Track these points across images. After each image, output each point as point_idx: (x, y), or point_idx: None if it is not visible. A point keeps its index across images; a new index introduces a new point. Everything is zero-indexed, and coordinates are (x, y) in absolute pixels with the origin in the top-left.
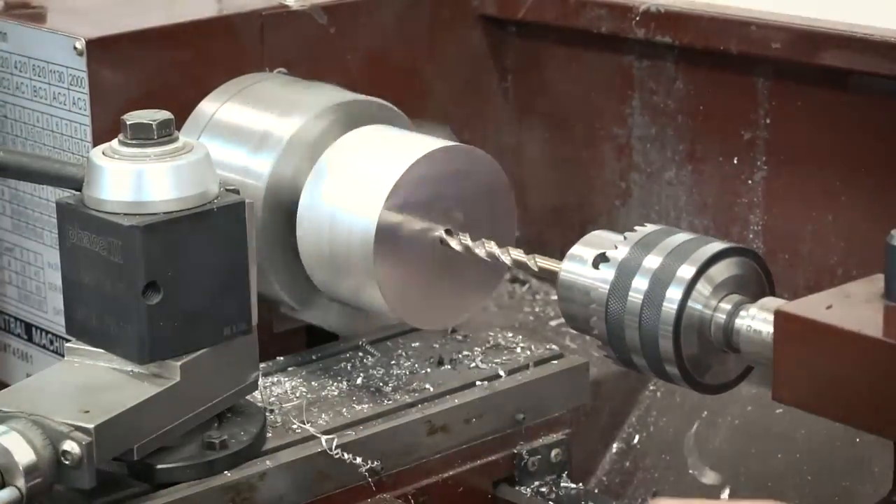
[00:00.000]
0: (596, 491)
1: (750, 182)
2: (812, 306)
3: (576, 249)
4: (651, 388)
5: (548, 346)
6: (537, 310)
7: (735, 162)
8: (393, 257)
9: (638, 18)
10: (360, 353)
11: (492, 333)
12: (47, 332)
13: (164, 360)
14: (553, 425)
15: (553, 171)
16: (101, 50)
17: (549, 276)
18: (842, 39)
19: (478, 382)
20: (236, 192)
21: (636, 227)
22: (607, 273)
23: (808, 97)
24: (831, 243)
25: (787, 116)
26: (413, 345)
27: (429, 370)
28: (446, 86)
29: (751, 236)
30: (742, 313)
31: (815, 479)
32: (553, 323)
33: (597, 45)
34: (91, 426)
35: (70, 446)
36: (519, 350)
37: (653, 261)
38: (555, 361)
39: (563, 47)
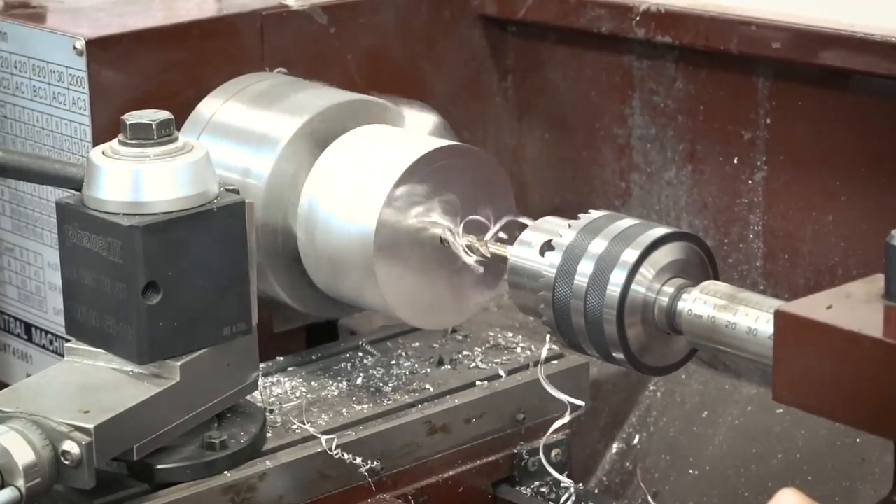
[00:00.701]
0: (596, 491)
1: (750, 182)
2: (812, 306)
3: (525, 235)
4: (651, 388)
5: (548, 346)
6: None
7: (735, 162)
8: (393, 257)
9: (638, 18)
10: (360, 353)
11: (492, 333)
12: (47, 332)
13: (163, 361)
14: (553, 425)
15: (553, 171)
16: (100, 50)
17: (501, 261)
18: (842, 39)
19: (478, 382)
20: (236, 192)
21: (582, 214)
22: (554, 258)
23: (808, 97)
24: (831, 243)
25: (787, 116)
26: (413, 345)
27: (429, 370)
28: (446, 86)
29: (751, 236)
30: (684, 296)
31: (815, 479)
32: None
33: (597, 45)
34: (91, 426)
35: (70, 446)
36: (519, 350)
37: (598, 245)
38: (555, 361)
39: (563, 47)
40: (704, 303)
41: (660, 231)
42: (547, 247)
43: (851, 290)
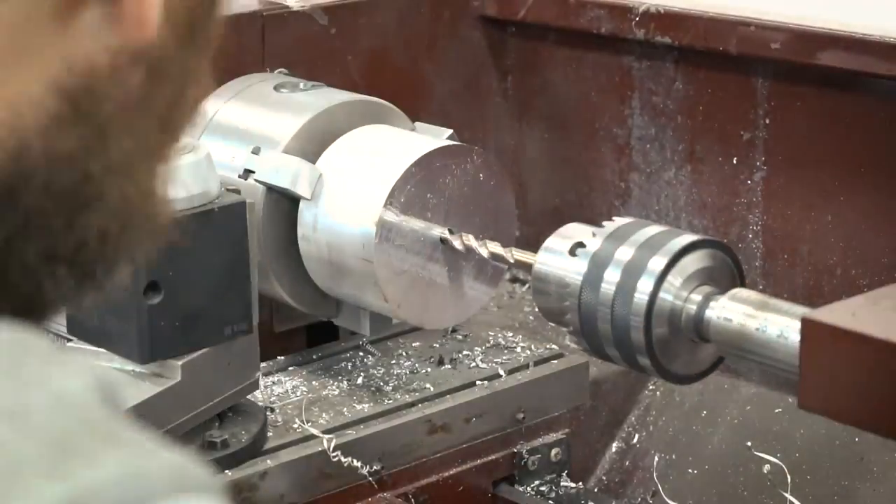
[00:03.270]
0: (596, 490)
1: (749, 182)
2: (839, 313)
3: (550, 241)
4: (651, 387)
5: (548, 346)
6: (537, 310)
7: (734, 162)
8: (393, 257)
9: (638, 19)
10: (361, 353)
11: (492, 333)
12: (48, 332)
13: (164, 360)
14: (553, 425)
15: (553, 171)
16: None
17: (525, 268)
18: (841, 40)
19: (478, 382)
20: (237, 192)
21: (606, 221)
22: (580, 265)
23: (808, 97)
24: (830, 243)
25: (787, 117)
26: (413, 344)
27: (429, 370)
28: (446, 86)
29: (750, 236)
30: (712, 304)
31: (813, 478)
32: (553, 323)
33: (597, 45)
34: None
35: None
36: (519, 350)
37: (625, 252)
38: (555, 361)
39: (563, 47)
40: (733, 310)
41: (687, 238)
42: (574, 250)
43: (880, 296)
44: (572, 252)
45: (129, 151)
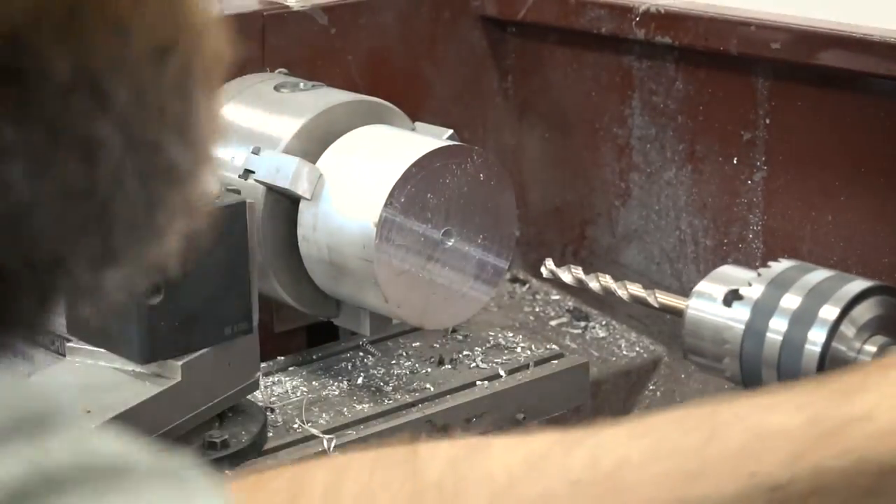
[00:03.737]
0: None
1: (749, 182)
2: None
3: (703, 286)
4: (651, 387)
5: (548, 346)
6: (537, 310)
7: (735, 162)
8: (393, 257)
9: (638, 19)
10: (361, 353)
11: (492, 333)
12: (49, 332)
13: (165, 360)
14: (553, 425)
15: (553, 171)
16: None
17: (674, 313)
18: (841, 40)
19: (478, 382)
20: (237, 192)
21: (770, 263)
22: (741, 313)
23: (808, 97)
24: (831, 243)
25: (787, 117)
26: (413, 345)
27: (429, 370)
28: (446, 86)
29: (750, 236)
30: (888, 355)
31: None
32: (553, 323)
33: (597, 45)
34: (92, 426)
35: None
36: (519, 350)
37: (791, 300)
38: (555, 361)
39: (563, 47)
40: None
41: (860, 285)
42: (733, 297)
43: None
44: (732, 297)
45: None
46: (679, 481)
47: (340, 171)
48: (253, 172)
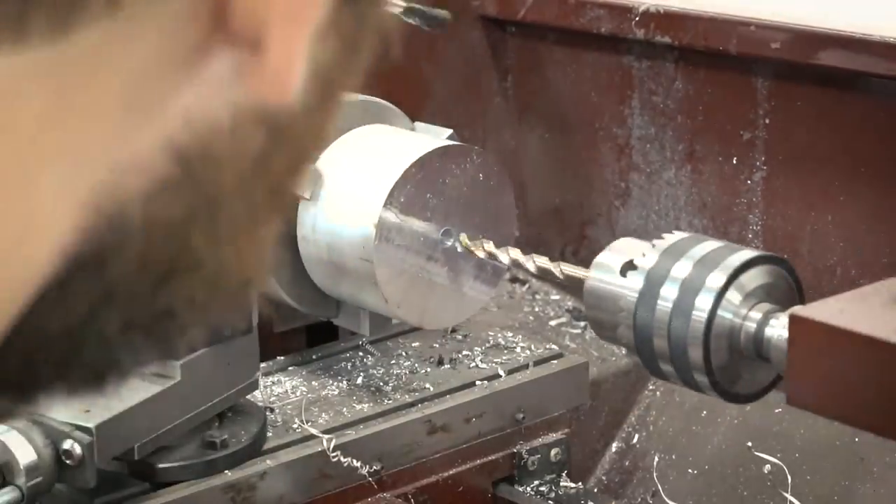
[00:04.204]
0: (596, 490)
1: (749, 182)
2: (826, 309)
3: (602, 257)
4: (651, 387)
5: (548, 346)
6: (537, 310)
7: (734, 162)
8: (393, 257)
9: (638, 19)
10: (361, 353)
11: (492, 333)
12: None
13: (164, 360)
14: (552, 425)
15: (553, 171)
16: None
17: (575, 284)
18: (842, 39)
19: (478, 382)
20: None
21: (664, 235)
22: (635, 281)
23: (808, 97)
24: (831, 243)
25: (787, 116)
26: (413, 345)
27: (429, 370)
28: (446, 86)
29: (750, 236)
30: (772, 322)
31: (813, 478)
32: (553, 323)
33: (597, 45)
34: (92, 425)
35: (71, 445)
36: (519, 350)
37: (682, 269)
38: (555, 361)
39: (563, 47)
40: None
41: (746, 254)
42: (628, 267)
43: (867, 292)
44: (627, 267)
45: (235, 220)
46: None
47: (340, 171)
48: None
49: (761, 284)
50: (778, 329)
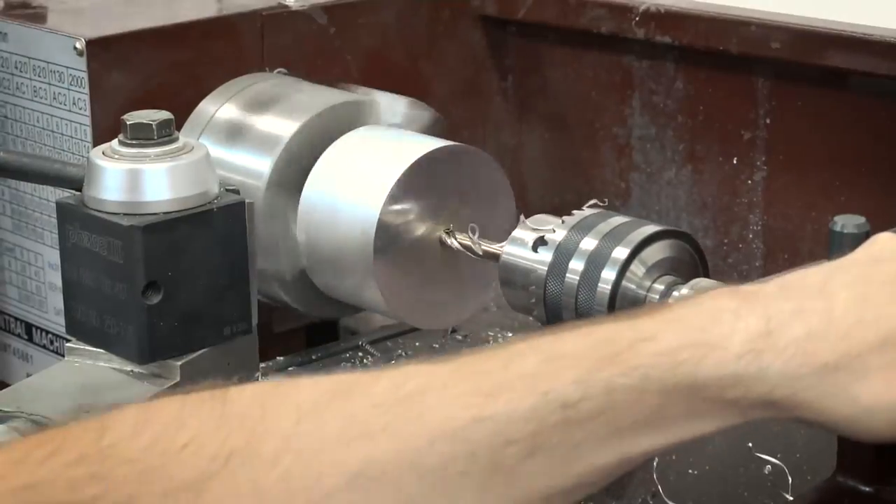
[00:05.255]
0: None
1: (750, 182)
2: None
3: (517, 233)
4: None
5: None
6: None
7: (735, 162)
8: (393, 257)
9: (638, 18)
10: (361, 353)
11: (492, 333)
12: (47, 332)
13: (164, 360)
14: None
15: (553, 171)
16: (101, 50)
17: (493, 259)
18: (842, 39)
19: None
20: (236, 192)
21: (574, 211)
22: (545, 255)
23: (808, 97)
24: None
25: (787, 116)
26: (413, 345)
27: None
28: (446, 86)
29: (750, 236)
30: (675, 294)
31: (814, 478)
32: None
33: (597, 45)
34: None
35: None
36: None
37: (589, 243)
38: None
39: (563, 47)
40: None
41: (650, 229)
42: (539, 244)
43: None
44: (538, 243)
45: None
46: (475, 400)
47: (340, 171)
48: None
49: (665, 258)
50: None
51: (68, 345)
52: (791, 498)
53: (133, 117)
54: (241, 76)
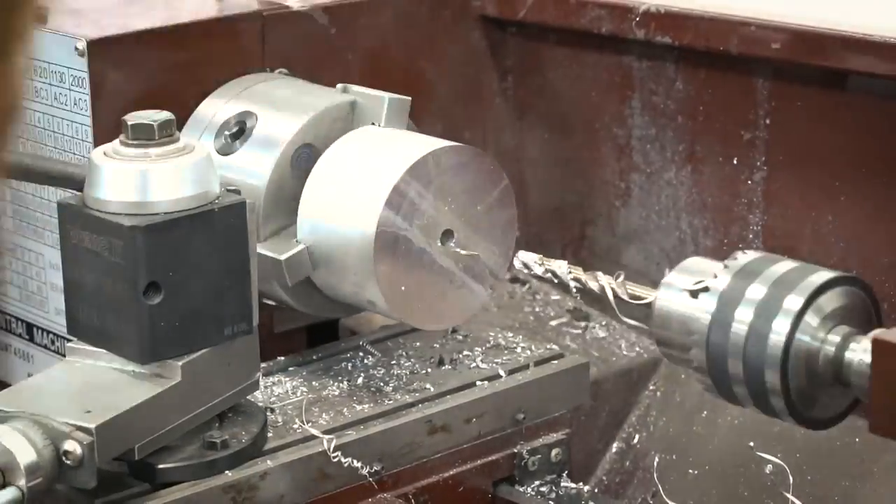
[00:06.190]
0: (596, 491)
1: (750, 182)
2: None
3: (671, 278)
4: (651, 387)
5: (548, 346)
6: (537, 310)
7: (735, 162)
8: (393, 257)
9: (638, 19)
10: (361, 353)
11: (492, 333)
12: (49, 332)
13: (165, 360)
14: (553, 425)
15: (553, 171)
16: (102, 50)
17: (644, 304)
18: (842, 39)
19: (478, 382)
20: (237, 192)
21: (736, 254)
22: (708, 303)
23: (808, 97)
24: (831, 243)
25: (787, 117)
26: (413, 345)
27: (429, 370)
28: (446, 86)
29: (750, 236)
30: (852, 346)
31: (814, 478)
32: (553, 323)
33: (597, 45)
34: (92, 426)
35: (71, 446)
36: (519, 350)
37: (757, 291)
38: (555, 361)
39: (563, 47)
40: None
41: (824, 276)
42: (700, 288)
43: None
44: (696, 292)
45: None
46: None
47: (341, 172)
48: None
49: (839, 306)
50: (859, 353)
51: (69, 345)
52: (792, 498)
53: (134, 118)
54: (242, 76)
